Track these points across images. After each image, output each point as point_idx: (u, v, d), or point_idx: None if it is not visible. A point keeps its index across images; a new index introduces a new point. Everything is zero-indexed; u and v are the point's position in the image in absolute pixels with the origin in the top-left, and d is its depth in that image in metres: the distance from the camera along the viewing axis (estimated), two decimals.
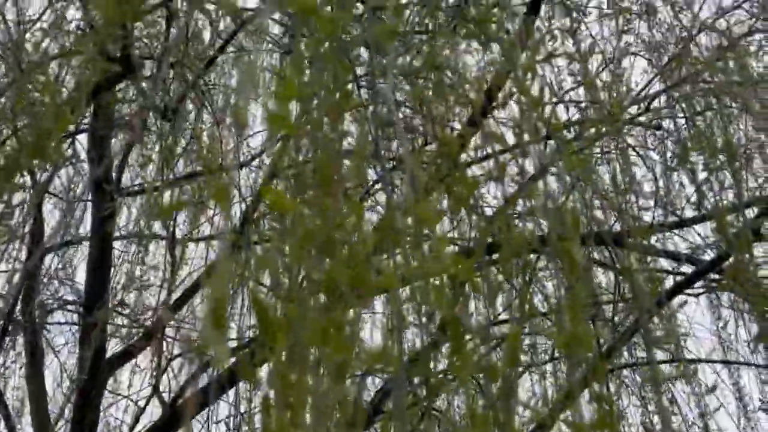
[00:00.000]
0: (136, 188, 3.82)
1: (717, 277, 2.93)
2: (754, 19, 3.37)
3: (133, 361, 3.64)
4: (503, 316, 3.11)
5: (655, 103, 3.54)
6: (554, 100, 2.28)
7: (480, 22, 1.37)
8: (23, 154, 1.17)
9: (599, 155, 3.16)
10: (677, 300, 2.86)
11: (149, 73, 2.88)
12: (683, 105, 3.19)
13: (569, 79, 2.80)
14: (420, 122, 1.90)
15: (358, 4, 1.61)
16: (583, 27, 2.41)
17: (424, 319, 0.97)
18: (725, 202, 2.39)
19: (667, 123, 3.46)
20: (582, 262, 0.78)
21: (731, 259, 2.07)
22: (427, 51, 1.75)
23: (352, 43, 1.34)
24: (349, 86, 1.39)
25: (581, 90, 2.94)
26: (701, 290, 3.15)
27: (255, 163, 4.00)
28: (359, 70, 1.74)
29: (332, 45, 1.26)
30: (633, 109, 3.46)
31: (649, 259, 2.75)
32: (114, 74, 2.71)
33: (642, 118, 3.38)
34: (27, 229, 3.25)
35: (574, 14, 2.05)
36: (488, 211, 3.09)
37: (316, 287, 0.85)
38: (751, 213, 2.60)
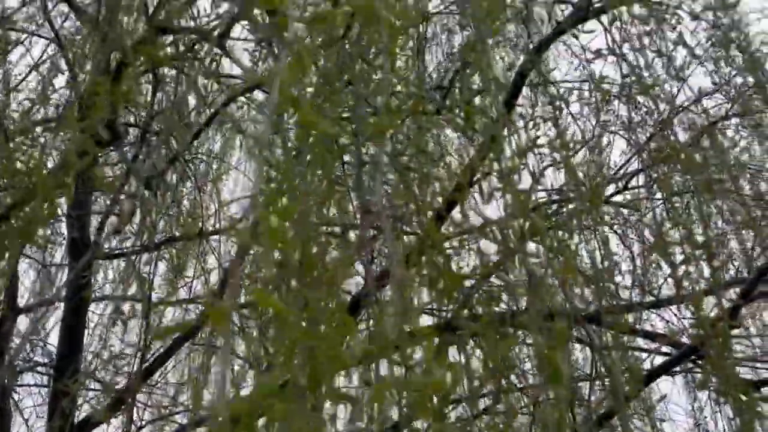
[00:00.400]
0: (114, 251, 3.78)
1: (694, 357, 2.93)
2: (730, 104, 3.44)
3: (103, 426, 3.57)
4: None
5: (633, 182, 3.60)
6: (534, 185, 2.30)
7: (466, 116, 1.39)
8: (11, 238, 1.17)
9: (578, 232, 3.18)
10: (657, 393, 2.86)
11: (133, 140, 2.89)
12: (660, 187, 3.24)
13: (549, 152, 2.84)
14: (403, 206, 1.90)
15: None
16: (564, 108, 2.45)
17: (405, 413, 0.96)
18: (702, 287, 2.40)
19: (644, 203, 3.51)
20: (566, 372, 0.79)
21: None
22: (412, 136, 1.77)
23: (341, 132, 1.36)
24: (336, 172, 1.40)
25: (560, 166, 2.98)
26: (678, 371, 3.15)
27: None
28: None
29: (321, 136, 1.28)
30: (612, 187, 3.52)
31: (626, 338, 2.75)
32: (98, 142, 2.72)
33: (620, 197, 3.43)
34: (2, 295, 3.21)
35: (556, 102, 2.10)
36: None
37: (302, 390, 0.85)
38: (729, 294, 2.62)
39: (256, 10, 1.65)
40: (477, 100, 1.72)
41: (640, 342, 3.11)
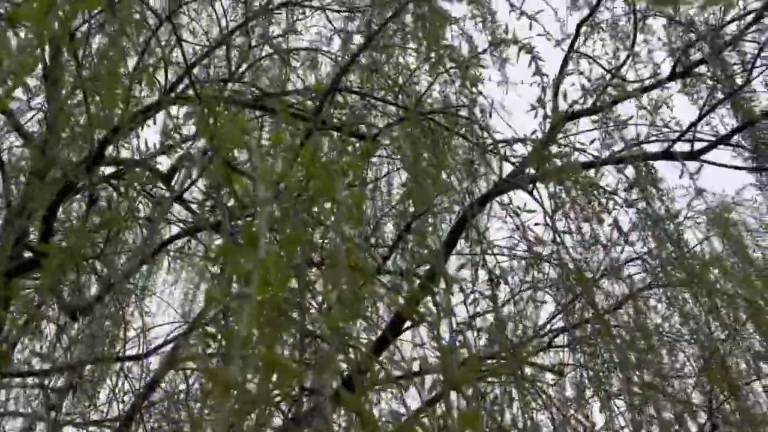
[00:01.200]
0: (24, 369, 3.64)
1: None
2: (652, 275, 3.56)
3: None
4: None
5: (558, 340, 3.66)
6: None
7: (411, 298, 1.41)
8: None
9: (502, 388, 3.20)
10: None
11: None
12: (583, 347, 3.30)
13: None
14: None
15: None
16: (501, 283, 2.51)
17: None
18: None
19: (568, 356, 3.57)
20: None
21: None
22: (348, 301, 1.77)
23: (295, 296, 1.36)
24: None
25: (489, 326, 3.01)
26: None
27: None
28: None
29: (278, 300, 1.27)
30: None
31: None
32: (25, 262, 2.66)
33: (543, 357, 3.48)
34: None
35: (495, 279, 2.15)
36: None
37: None
38: None
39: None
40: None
41: None
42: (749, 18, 2.96)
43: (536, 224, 2.29)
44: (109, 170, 2.61)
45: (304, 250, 1.60)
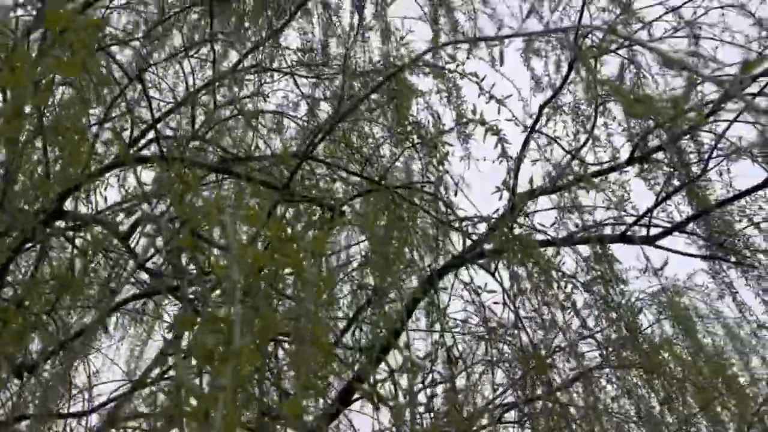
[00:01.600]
0: None
1: None
2: (604, 354, 3.59)
3: None
4: None
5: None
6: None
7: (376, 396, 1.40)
8: None
9: None
10: None
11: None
12: (533, 424, 3.30)
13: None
14: None
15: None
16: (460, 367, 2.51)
17: None
18: None
19: None
20: None
21: None
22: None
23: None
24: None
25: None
26: None
27: None
28: None
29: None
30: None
31: None
32: None
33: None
34: None
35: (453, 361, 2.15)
36: None
37: None
38: None
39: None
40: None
41: None
42: (707, 109, 3.04)
43: (495, 303, 2.31)
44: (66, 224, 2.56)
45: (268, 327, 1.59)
